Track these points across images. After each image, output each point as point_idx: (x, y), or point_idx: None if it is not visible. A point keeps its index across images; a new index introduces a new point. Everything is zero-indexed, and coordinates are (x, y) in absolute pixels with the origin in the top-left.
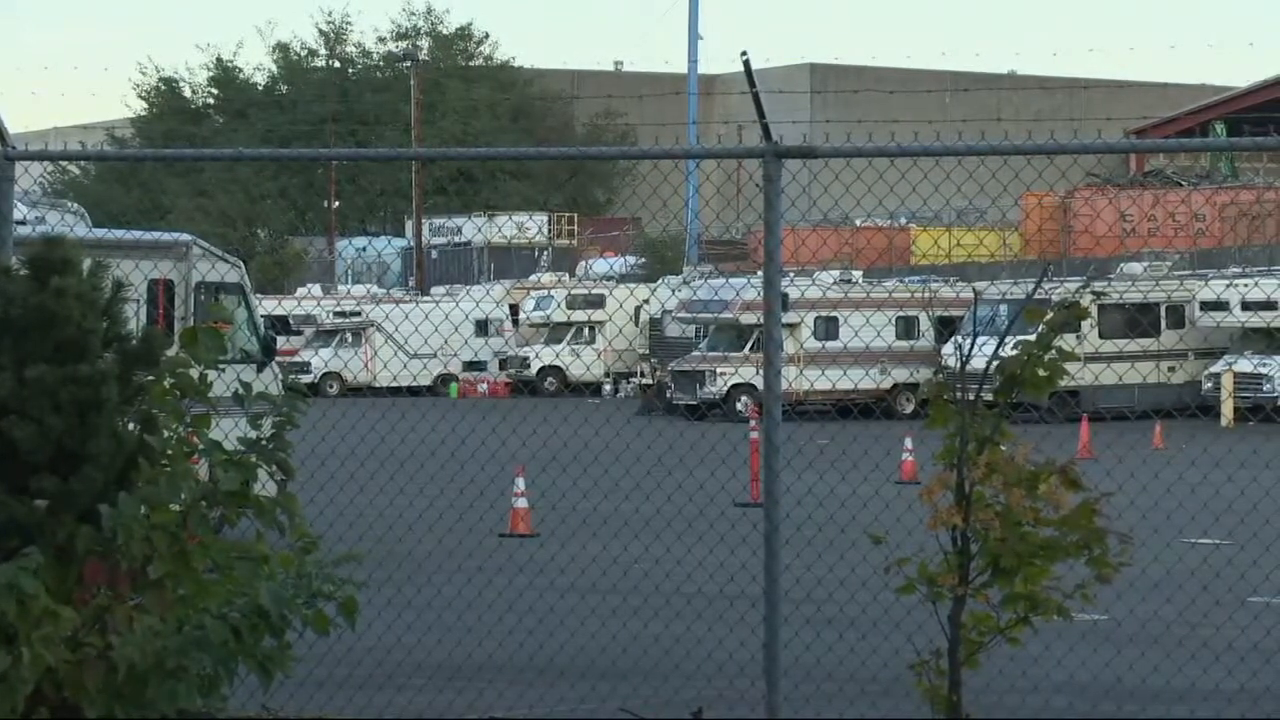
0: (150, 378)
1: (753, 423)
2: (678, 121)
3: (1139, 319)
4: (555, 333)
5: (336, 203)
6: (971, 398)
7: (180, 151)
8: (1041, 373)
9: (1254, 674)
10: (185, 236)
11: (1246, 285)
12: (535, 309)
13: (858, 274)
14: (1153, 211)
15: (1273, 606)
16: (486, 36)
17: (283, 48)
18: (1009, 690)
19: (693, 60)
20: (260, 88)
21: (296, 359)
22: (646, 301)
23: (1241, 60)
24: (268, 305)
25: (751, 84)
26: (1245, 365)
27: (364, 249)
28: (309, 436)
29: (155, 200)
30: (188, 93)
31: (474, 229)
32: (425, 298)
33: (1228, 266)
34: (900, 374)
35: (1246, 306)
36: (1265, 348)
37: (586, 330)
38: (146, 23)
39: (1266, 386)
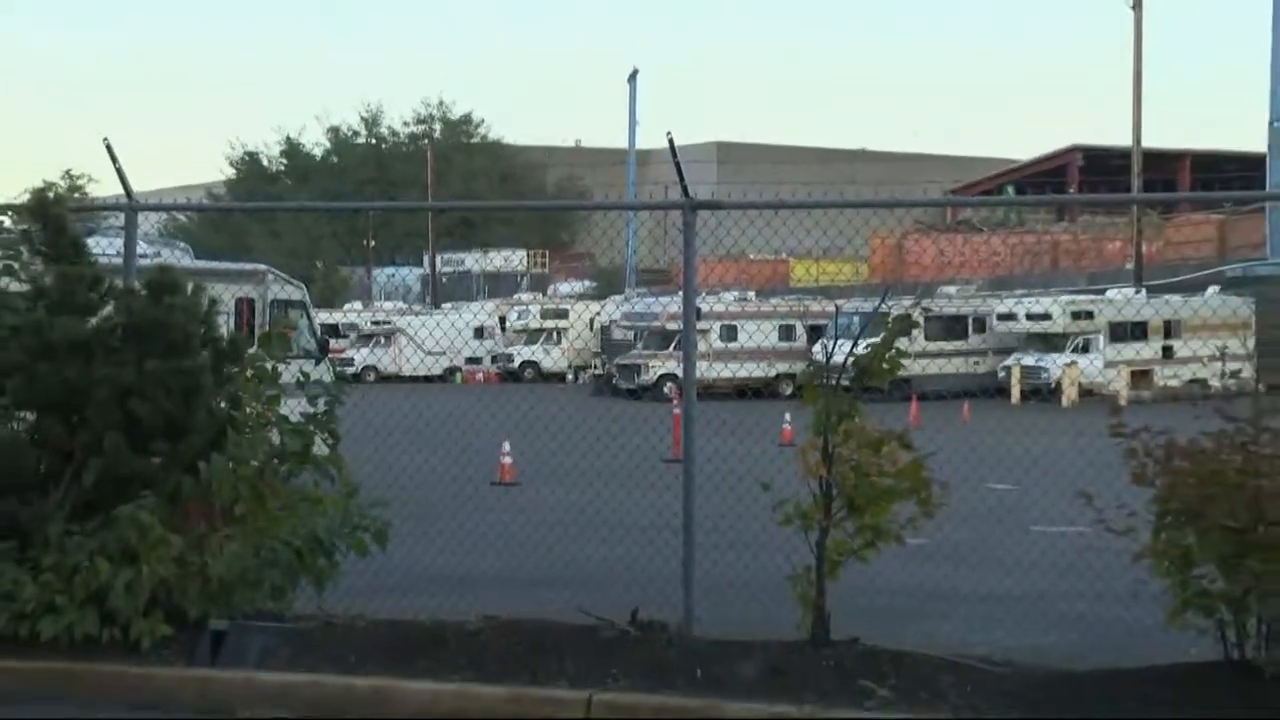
0: (236, 369)
1: (675, 402)
2: (621, 183)
3: (954, 326)
4: (532, 336)
5: (373, 242)
6: (834, 384)
7: (259, 205)
8: (884, 365)
9: (1032, 583)
10: (262, 266)
11: (1030, 302)
12: (517, 319)
13: (751, 294)
14: (963, 249)
15: (1048, 534)
16: (483, 121)
17: (334, 129)
18: (859, 594)
19: (632, 140)
20: (317, 159)
21: (343, 356)
22: (598, 313)
23: (1025, 137)
24: (323, 316)
25: (674, 155)
26: (1029, 360)
27: (392, 275)
28: (352, 412)
29: (240, 240)
30: (265, 162)
31: (473, 261)
32: (437, 311)
33: (1016, 289)
34: (782, 366)
35: (1029, 317)
36: (1042, 347)
37: (555, 334)
38: (235, 112)
39: (1044, 375)
